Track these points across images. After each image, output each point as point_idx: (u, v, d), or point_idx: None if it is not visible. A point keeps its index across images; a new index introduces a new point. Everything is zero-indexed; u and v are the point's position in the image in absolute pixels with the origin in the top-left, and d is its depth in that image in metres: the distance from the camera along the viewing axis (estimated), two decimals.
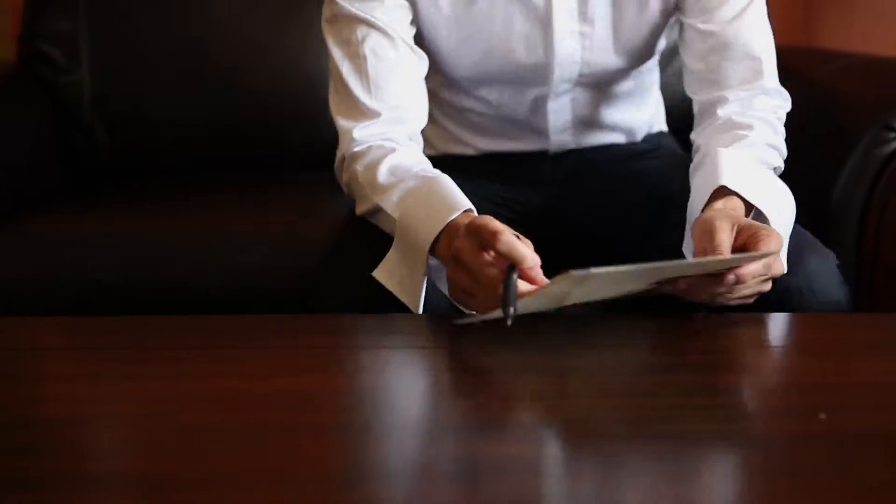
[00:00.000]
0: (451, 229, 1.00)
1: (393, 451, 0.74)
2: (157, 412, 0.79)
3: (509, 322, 0.87)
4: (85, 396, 0.83)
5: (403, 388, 0.89)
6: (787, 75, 1.87)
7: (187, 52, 1.93)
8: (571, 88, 1.28)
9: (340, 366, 0.91)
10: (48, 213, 1.67)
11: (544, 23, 1.21)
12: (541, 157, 1.35)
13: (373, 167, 1.12)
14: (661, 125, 1.49)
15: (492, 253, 0.92)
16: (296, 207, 1.66)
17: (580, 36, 1.22)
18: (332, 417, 0.78)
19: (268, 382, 0.84)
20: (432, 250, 1.01)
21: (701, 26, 1.20)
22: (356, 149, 1.15)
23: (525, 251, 0.91)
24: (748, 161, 1.11)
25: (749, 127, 1.16)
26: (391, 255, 1.05)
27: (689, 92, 1.25)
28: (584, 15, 1.21)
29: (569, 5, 1.20)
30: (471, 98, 1.31)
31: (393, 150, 1.13)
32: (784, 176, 1.70)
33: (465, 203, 1.03)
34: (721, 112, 1.19)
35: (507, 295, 0.88)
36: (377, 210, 1.10)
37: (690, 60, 1.23)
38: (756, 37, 1.20)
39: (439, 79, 1.30)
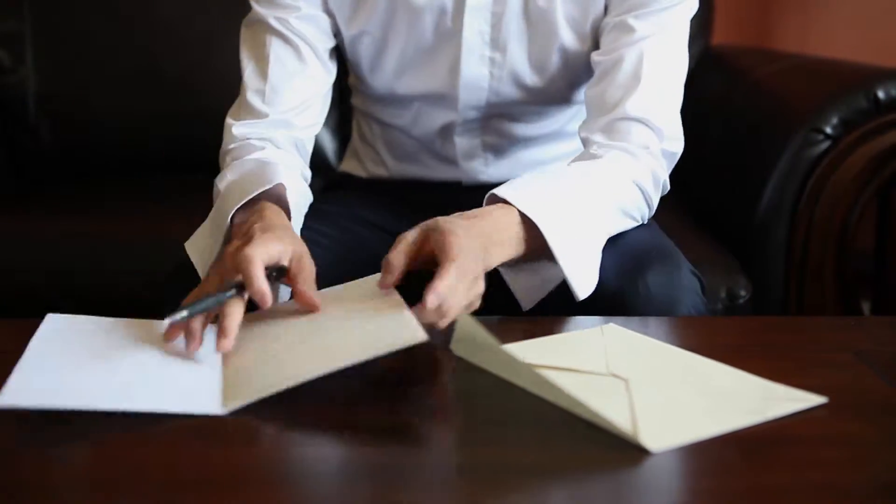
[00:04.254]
0: (252, 203, 1.00)
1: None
2: None
3: (166, 321, 0.84)
4: None
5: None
6: (732, 75, 1.89)
7: (133, 51, 1.93)
8: (480, 119, 1.26)
9: None
10: None
11: (453, 43, 1.19)
12: (454, 187, 1.32)
13: (239, 161, 1.13)
14: None
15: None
16: None
17: (490, 62, 1.20)
18: None
19: None
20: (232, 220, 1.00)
21: (595, 57, 1.16)
22: (231, 145, 1.16)
23: (260, 287, 0.87)
24: (550, 179, 1.05)
25: (595, 157, 1.10)
26: (202, 226, 1.06)
27: (581, 130, 1.17)
28: (495, 41, 1.19)
29: (480, 28, 1.18)
30: (390, 115, 1.31)
31: (263, 149, 1.14)
32: (722, 176, 1.72)
33: (277, 178, 1.03)
34: (589, 142, 1.13)
35: (201, 300, 0.86)
36: (216, 191, 1.10)
37: (585, 92, 1.18)
38: (647, 66, 1.12)
39: (366, 94, 1.31)
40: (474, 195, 1.30)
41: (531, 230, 0.99)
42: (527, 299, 1.04)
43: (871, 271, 1.78)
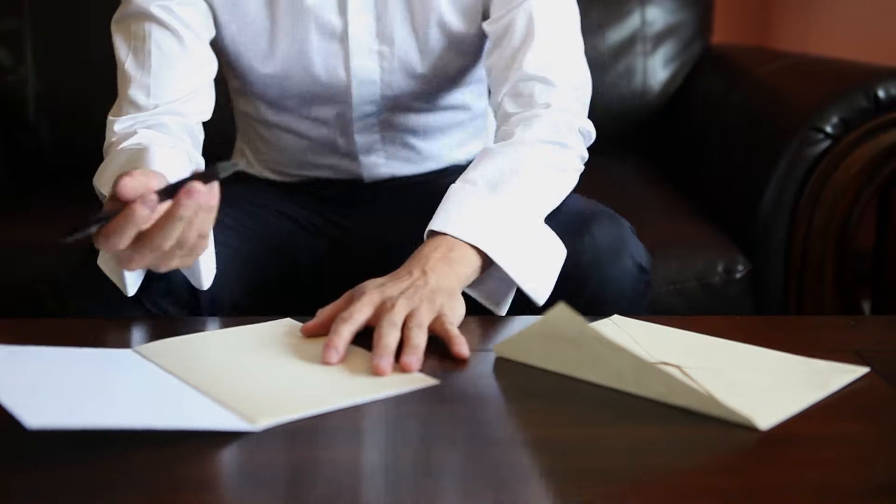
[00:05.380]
0: None
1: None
2: None
3: (67, 239, 0.79)
4: None
5: None
6: (732, 74, 1.89)
7: None
8: (376, 112, 1.25)
9: None
10: None
11: (342, 40, 1.19)
12: (356, 184, 1.32)
13: (115, 151, 1.06)
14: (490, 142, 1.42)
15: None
16: None
17: (378, 56, 1.20)
18: None
19: None
20: None
21: (487, 27, 1.17)
22: (113, 138, 1.10)
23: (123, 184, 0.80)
24: (476, 200, 1.02)
25: (509, 137, 1.09)
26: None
27: (490, 101, 1.18)
28: (382, 34, 1.19)
29: (365, 21, 1.18)
30: (280, 118, 1.28)
31: (136, 133, 1.08)
32: (722, 175, 1.72)
33: (150, 165, 0.95)
34: (499, 114, 1.14)
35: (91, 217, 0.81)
36: (98, 193, 1.04)
37: (484, 63, 1.20)
38: (538, 24, 1.13)
39: (251, 97, 1.28)
40: (376, 191, 1.32)
41: (477, 248, 0.99)
42: (501, 304, 1.03)
43: (871, 271, 1.78)
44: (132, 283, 0.98)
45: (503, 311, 1.03)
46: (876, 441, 0.75)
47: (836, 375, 0.84)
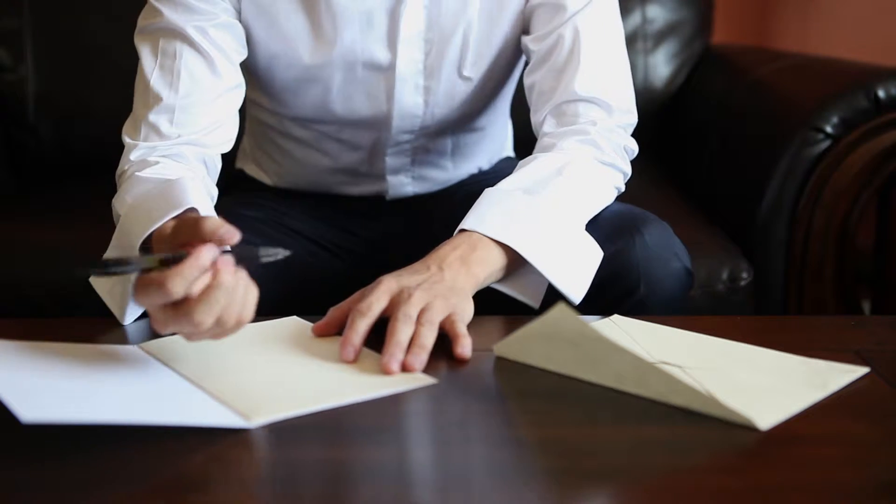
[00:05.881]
0: (164, 230, 0.89)
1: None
2: None
3: (87, 271, 0.77)
4: None
5: None
6: (732, 74, 1.89)
7: (133, 51, 1.91)
8: (415, 138, 1.24)
9: None
10: None
11: (387, 73, 1.17)
12: (377, 200, 1.31)
13: (132, 174, 1.03)
14: (507, 151, 1.45)
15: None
16: None
17: (424, 90, 1.19)
18: None
19: None
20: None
21: (531, 44, 1.15)
22: (126, 166, 1.06)
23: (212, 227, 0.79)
24: (514, 200, 1.02)
25: (550, 149, 1.09)
26: (106, 257, 0.98)
27: (532, 118, 1.16)
28: (429, 70, 1.18)
29: (414, 57, 1.16)
30: (311, 133, 1.26)
31: (158, 163, 1.04)
32: (723, 175, 1.72)
33: (190, 201, 0.93)
34: (541, 132, 1.13)
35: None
36: (116, 215, 1.01)
37: (525, 79, 1.17)
38: (584, 42, 1.11)
39: (280, 115, 1.25)
40: (398, 207, 1.31)
41: (505, 248, 0.99)
42: (536, 296, 1.02)
43: (871, 271, 1.78)
44: (131, 314, 0.97)
45: (537, 304, 1.02)
46: (876, 441, 0.75)
47: (836, 375, 0.84)
